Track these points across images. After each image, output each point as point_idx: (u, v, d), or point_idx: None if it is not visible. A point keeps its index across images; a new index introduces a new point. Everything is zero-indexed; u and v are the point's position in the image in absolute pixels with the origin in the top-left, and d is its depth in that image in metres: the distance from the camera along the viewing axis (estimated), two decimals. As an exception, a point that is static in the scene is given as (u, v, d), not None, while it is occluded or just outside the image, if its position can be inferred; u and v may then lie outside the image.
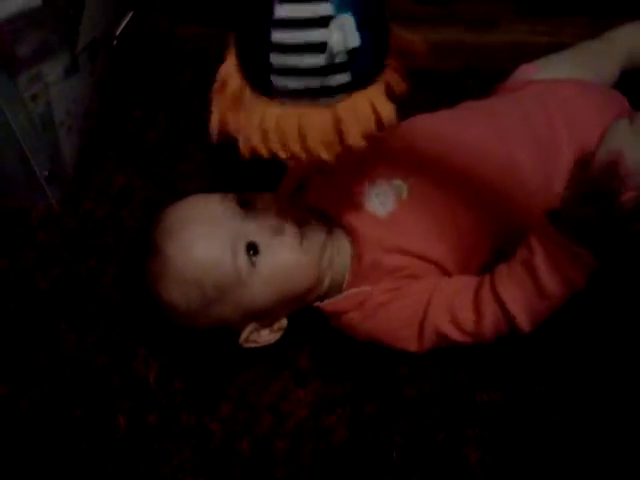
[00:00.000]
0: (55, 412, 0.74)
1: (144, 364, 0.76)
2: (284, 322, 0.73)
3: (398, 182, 0.74)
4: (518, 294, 0.67)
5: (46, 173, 0.91)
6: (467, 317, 0.69)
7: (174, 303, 0.68)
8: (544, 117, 0.79)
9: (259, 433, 0.71)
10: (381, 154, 0.74)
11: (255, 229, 0.69)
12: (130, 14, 1.00)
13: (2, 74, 0.81)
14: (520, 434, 0.69)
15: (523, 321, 0.68)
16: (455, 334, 0.70)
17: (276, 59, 0.53)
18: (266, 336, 0.73)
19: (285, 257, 0.69)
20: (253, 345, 0.73)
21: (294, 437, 0.70)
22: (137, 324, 0.79)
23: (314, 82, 0.54)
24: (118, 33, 0.99)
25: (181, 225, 0.69)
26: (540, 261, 0.66)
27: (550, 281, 0.66)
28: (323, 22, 0.52)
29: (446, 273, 0.74)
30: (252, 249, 0.68)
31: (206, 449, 0.70)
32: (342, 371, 0.74)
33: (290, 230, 0.70)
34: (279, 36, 0.52)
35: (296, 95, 0.55)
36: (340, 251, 0.74)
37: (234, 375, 0.75)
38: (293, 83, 0.54)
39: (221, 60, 0.58)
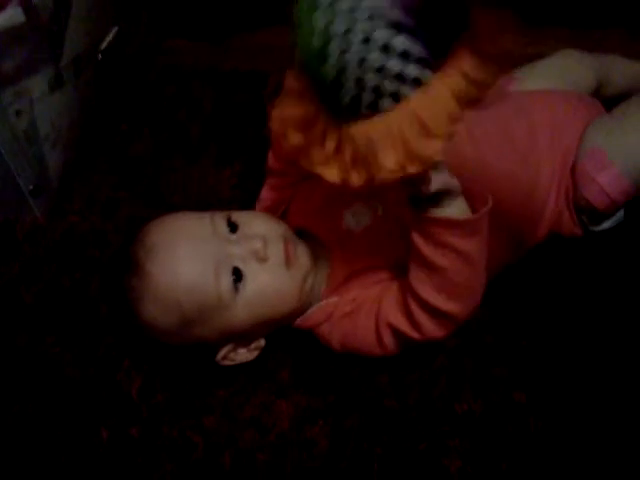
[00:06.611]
0: (38, 424, 0.74)
1: (127, 377, 0.76)
2: (262, 342, 0.73)
3: (375, 203, 0.75)
4: (423, 277, 0.64)
5: (31, 187, 0.92)
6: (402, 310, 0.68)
7: (153, 321, 0.68)
8: (526, 130, 0.79)
9: (241, 445, 0.71)
10: None
11: (240, 254, 0.68)
12: (115, 29, 1.01)
13: (-15, 90, 0.81)
14: (500, 444, 0.69)
15: (439, 301, 0.64)
16: (406, 327, 0.67)
17: None
18: (243, 355, 0.73)
19: (268, 284, 0.69)
20: (230, 363, 0.73)
21: (276, 449, 0.70)
22: (121, 337, 0.79)
23: None
24: (103, 48, 0.99)
25: (165, 244, 0.68)
26: (418, 241, 0.63)
27: (434, 254, 0.63)
28: None
29: None
30: (236, 274, 0.68)
31: (188, 462, 0.70)
32: (323, 383, 0.75)
33: (276, 256, 0.69)
34: None
35: None
36: (319, 270, 0.74)
37: (216, 388, 0.75)
38: None
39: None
